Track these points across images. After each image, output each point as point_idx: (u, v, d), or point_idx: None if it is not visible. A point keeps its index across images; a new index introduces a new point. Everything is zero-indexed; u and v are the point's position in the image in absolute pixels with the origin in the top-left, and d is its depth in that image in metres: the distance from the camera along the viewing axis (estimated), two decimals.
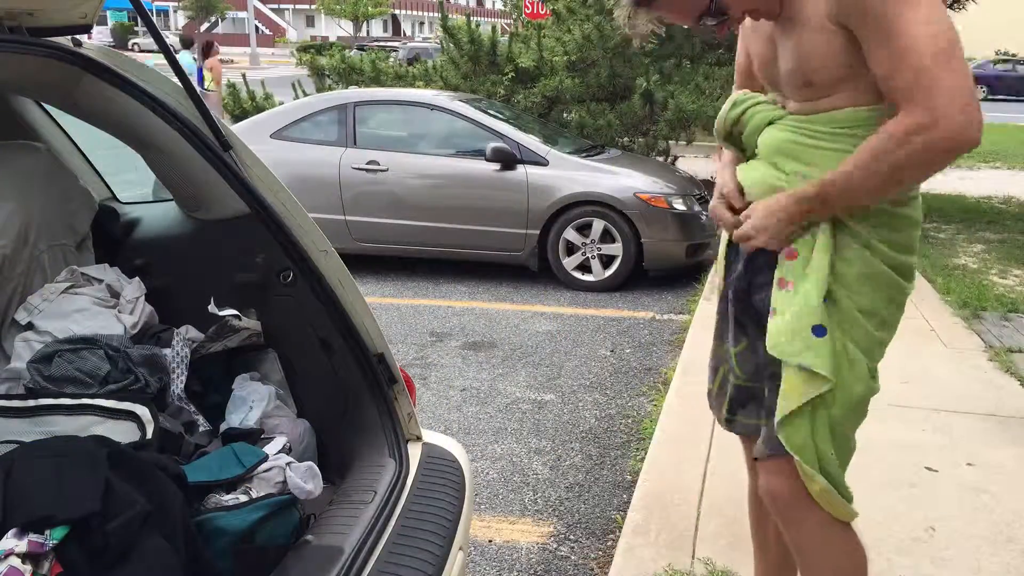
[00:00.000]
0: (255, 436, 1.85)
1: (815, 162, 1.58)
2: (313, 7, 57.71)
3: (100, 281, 2.12)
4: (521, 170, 5.93)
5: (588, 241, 5.92)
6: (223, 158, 1.78)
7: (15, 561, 1.24)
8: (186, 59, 11.59)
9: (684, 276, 6.16)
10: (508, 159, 5.92)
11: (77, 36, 1.80)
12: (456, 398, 4.08)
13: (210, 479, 1.63)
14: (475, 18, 10.34)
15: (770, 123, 1.67)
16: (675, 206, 5.89)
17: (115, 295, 2.12)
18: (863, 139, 1.51)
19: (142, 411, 1.73)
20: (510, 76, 8.24)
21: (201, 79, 11.12)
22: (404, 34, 68.57)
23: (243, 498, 1.61)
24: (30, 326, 1.98)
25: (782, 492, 1.70)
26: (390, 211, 6.10)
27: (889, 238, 1.60)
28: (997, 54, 38.40)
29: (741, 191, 1.73)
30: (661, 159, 8.37)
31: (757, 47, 1.70)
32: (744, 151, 1.76)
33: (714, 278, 1.93)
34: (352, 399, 1.92)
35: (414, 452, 1.86)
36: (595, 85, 8.33)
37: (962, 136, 1.39)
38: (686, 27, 1.72)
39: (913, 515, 2.79)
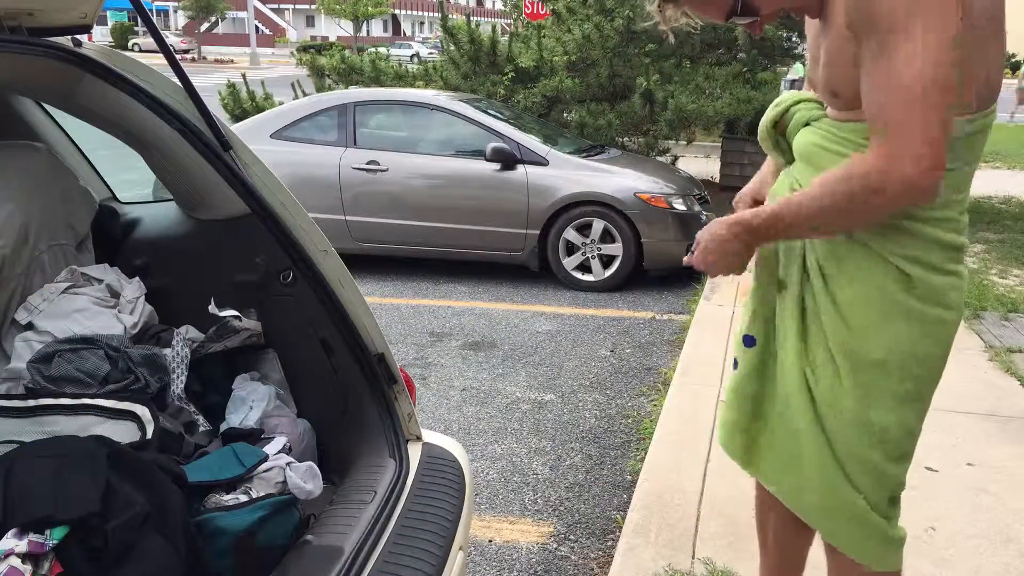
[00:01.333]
0: (255, 436, 1.85)
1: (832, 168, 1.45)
2: (313, 7, 57.68)
3: (100, 281, 2.12)
4: (521, 170, 5.94)
5: (588, 241, 5.92)
6: (223, 158, 1.78)
7: (15, 561, 1.24)
8: None
9: (684, 276, 6.16)
10: (508, 159, 5.93)
11: (77, 36, 1.80)
12: (456, 398, 4.08)
13: (210, 479, 1.63)
14: (475, 18, 10.34)
15: (807, 124, 1.56)
16: (675, 206, 5.89)
17: (115, 295, 2.12)
18: None
19: (142, 411, 1.73)
20: (510, 76, 8.24)
21: None
22: (404, 34, 68.55)
23: (243, 498, 1.61)
24: (30, 326, 1.98)
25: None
26: (390, 211, 6.10)
27: (903, 253, 1.46)
28: None
29: (759, 202, 1.67)
30: (661, 159, 8.37)
31: (810, 46, 1.57)
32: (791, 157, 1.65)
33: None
34: (352, 399, 1.92)
35: (414, 452, 1.86)
36: (595, 85, 8.33)
37: (907, 192, 1.30)
38: (693, 26, 1.62)
39: (913, 515, 2.79)
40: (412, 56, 36.81)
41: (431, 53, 33.65)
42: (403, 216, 6.09)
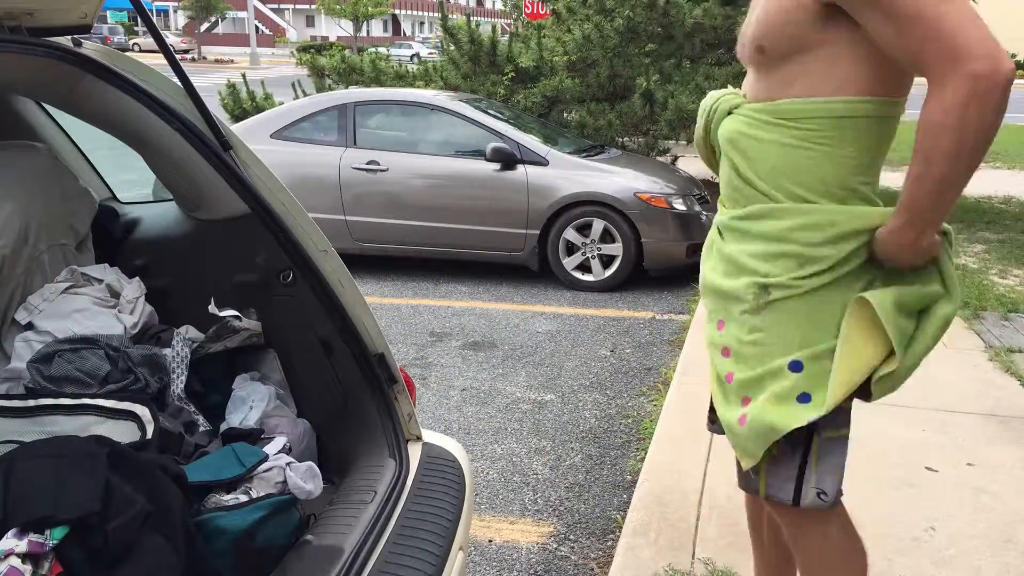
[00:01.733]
0: (255, 436, 1.86)
1: (753, 155, 1.53)
2: (313, 7, 57.67)
3: (100, 281, 2.12)
4: (521, 170, 5.94)
5: (588, 241, 5.92)
6: (223, 158, 1.78)
7: (15, 561, 1.24)
8: None
9: (684, 276, 6.16)
10: (508, 159, 5.92)
11: (77, 36, 1.80)
12: (456, 398, 4.08)
13: (210, 479, 1.63)
14: (475, 18, 10.34)
15: (729, 113, 1.60)
16: (675, 206, 5.89)
17: (115, 295, 2.12)
18: (804, 132, 1.45)
19: (142, 411, 1.73)
20: (510, 76, 8.24)
21: None
22: (404, 34, 68.55)
23: (243, 498, 1.61)
24: (30, 326, 1.98)
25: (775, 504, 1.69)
26: (390, 211, 6.10)
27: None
28: None
29: None
30: (661, 159, 8.38)
31: (748, 19, 1.58)
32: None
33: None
34: (352, 399, 1.92)
35: (414, 452, 1.86)
36: (595, 85, 8.33)
37: (1003, 71, 1.27)
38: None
39: (913, 515, 2.79)
40: (412, 56, 36.81)
41: (431, 53, 33.69)
42: (403, 216, 6.09)
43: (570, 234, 5.93)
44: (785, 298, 1.52)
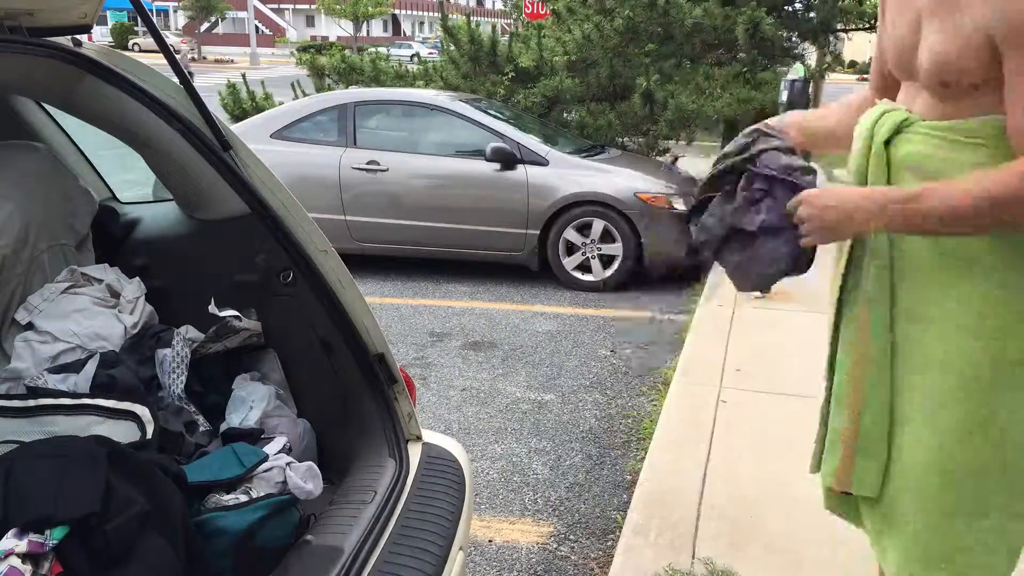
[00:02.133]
0: (255, 436, 1.86)
1: (948, 177, 1.33)
2: (313, 7, 57.64)
3: (100, 281, 2.12)
4: (521, 170, 5.93)
5: (588, 241, 5.92)
6: (223, 158, 1.78)
7: (15, 561, 1.24)
8: None
9: (684, 276, 6.16)
10: (508, 159, 5.92)
11: (77, 36, 1.81)
12: (456, 398, 4.09)
13: (210, 479, 1.63)
14: (475, 18, 10.35)
15: (897, 132, 1.40)
16: (675, 206, 5.89)
17: (115, 295, 2.12)
18: (999, 151, 1.30)
19: (142, 411, 1.73)
20: (510, 76, 8.25)
21: None
22: (404, 34, 68.56)
23: (243, 498, 1.61)
24: (30, 326, 1.98)
25: None
26: (390, 211, 6.10)
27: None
28: None
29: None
30: (661, 159, 8.38)
31: (899, 26, 1.41)
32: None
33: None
34: (352, 399, 1.92)
35: (414, 452, 1.86)
36: (595, 85, 8.33)
37: None
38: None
39: None
40: (412, 56, 36.82)
41: (431, 53, 33.72)
42: (403, 216, 6.09)
43: (570, 234, 5.93)
44: None
